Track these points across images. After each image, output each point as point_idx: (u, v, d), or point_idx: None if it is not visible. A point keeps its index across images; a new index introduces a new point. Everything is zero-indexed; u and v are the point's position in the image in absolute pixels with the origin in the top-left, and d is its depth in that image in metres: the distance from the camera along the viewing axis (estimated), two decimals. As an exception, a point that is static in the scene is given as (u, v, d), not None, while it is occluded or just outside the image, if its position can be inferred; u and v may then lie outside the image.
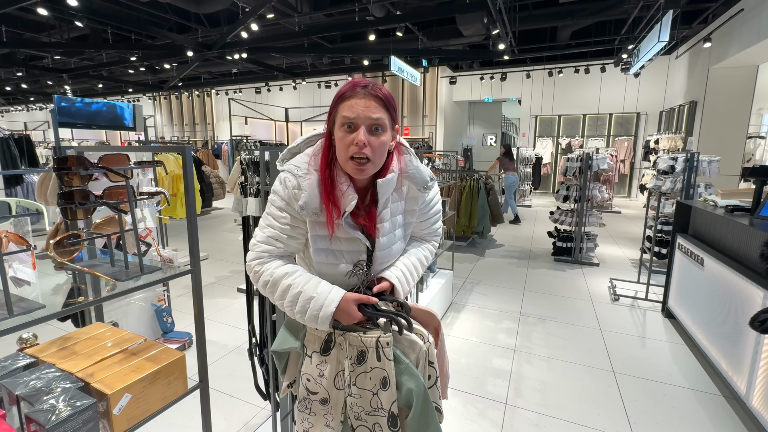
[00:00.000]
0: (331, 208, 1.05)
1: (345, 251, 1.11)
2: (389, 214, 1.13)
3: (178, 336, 3.17)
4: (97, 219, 1.66)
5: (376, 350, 1.05)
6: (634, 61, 7.94)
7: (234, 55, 10.06)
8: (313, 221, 1.08)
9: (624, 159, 11.87)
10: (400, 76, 8.92)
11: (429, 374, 1.08)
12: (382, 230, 1.11)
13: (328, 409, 1.14)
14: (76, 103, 3.10)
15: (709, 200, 3.36)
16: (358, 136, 1.00)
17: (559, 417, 2.43)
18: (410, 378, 1.04)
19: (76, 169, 1.42)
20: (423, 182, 1.15)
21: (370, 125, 1.01)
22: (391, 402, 1.05)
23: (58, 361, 1.21)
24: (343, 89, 1.05)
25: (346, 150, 1.03)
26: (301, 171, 1.08)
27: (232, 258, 5.74)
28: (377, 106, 1.02)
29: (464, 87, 13.92)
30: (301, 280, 1.06)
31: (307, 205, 1.04)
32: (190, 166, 1.46)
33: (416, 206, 1.20)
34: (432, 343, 1.11)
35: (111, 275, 1.35)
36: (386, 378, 1.05)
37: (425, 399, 1.03)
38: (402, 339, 1.08)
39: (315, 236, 1.09)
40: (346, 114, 1.01)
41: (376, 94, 1.03)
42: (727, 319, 2.67)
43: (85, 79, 14.47)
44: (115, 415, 1.11)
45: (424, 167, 1.17)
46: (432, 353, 1.09)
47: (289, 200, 1.08)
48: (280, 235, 1.10)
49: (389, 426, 1.07)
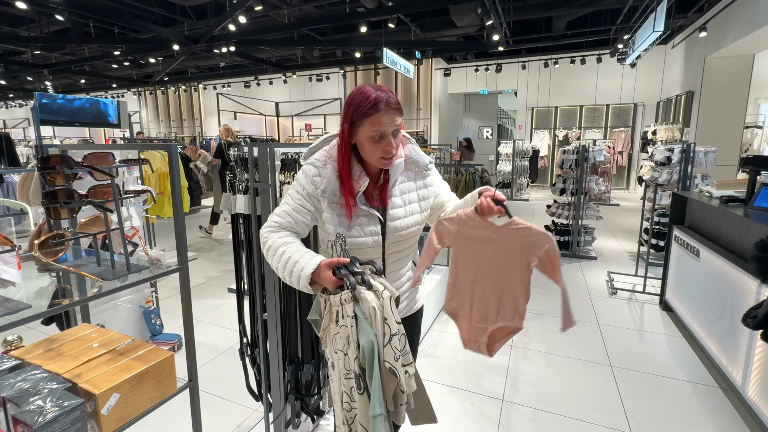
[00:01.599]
0: (349, 191, 1.30)
1: (363, 226, 1.33)
2: (399, 191, 1.38)
3: (167, 338, 3.17)
4: (82, 218, 1.67)
5: (342, 308, 1.13)
6: (630, 51, 7.99)
7: (222, 48, 10.00)
8: (332, 203, 1.32)
9: (622, 150, 11.95)
10: (393, 68, 8.92)
11: (383, 331, 1.10)
12: (391, 203, 1.36)
13: (335, 374, 1.23)
14: (57, 100, 3.09)
15: (705, 191, 3.41)
16: (389, 144, 1.26)
17: (556, 412, 2.47)
18: (362, 335, 1.08)
19: (60, 168, 1.42)
20: (424, 165, 1.43)
21: (393, 131, 1.27)
22: (354, 360, 1.10)
23: (44, 363, 1.22)
24: (364, 105, 1.24)
25: (376, 153, 1.28)
26: (320, 163, 1.33)
27: (222, 257, 5.74)
28: (397, 115, 1.27)
29: (459, 79, 13.93)
30: (293, 248, 1.24)
31: (327, 188, 1.30)
32: (176, 164, 1.47)
33: (431, 187, 1.47)
34: (387, 299, 1.12)
35: (97, 275, 1.35)
36: (348, 335, 1.11)
37: (372, 355, 1.06)
38: (361, 295, 1.11)
39: (336, 216, 1.32)
40: (376, 129, 1.24)
41: (395, 106, 1.27)
42: (722, 310, 2.72)
43: (66, 75, 14.34)
44: (104, 415, 1.12)
45: (423, 154, 1.44)
46: (387, 309, 1.11)
47: (307, 185, 1.32)
48: (292, 212, 1.33)
49: (357, 389, 1.12)
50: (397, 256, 1.44)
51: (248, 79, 14.95)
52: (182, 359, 1.55)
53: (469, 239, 1.30)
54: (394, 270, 1.46)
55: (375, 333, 1.08)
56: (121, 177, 3.40)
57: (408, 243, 1.44)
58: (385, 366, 1.09)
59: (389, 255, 1.41)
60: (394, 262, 1.44)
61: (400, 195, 1.38)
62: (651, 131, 10.00)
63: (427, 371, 2.90)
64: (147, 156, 4.82)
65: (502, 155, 11.99)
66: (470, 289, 1.34)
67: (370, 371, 1.07)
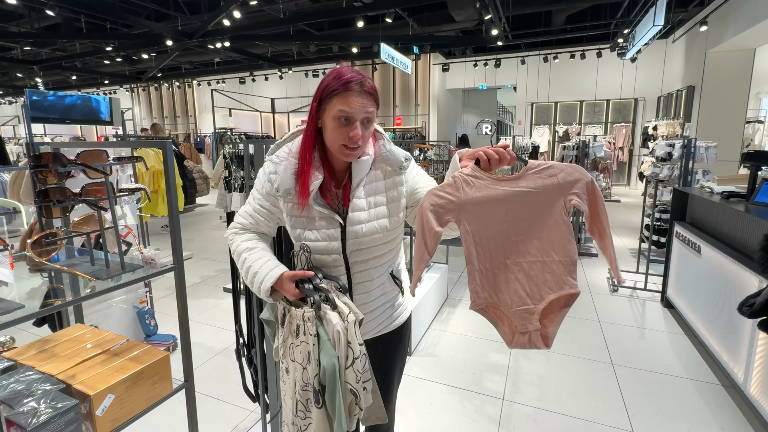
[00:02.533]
0: (302, 185, 1.20)
1: (321, 229, 1.24)
2: (363, 193, 1.25)
3: (162, 339, 3.17)
4: (75, 217, 1.66)
5: (304, 324, 1.13)
6: (630, 45, 8.00)
7: (216, 43, 9.97)
8: (288, 203, 1.24)
9: (622, 146, 11.97)
10: (391, 63, 8.90)
11: (347, 354, 1.11)
12: (353, 206, 1.24)
13: (289, 379, 1.23)
14: (48, 97, 3.07)
15: (706, 187, 3.42)
16: (355, 130, 1.14)
17: (557, 411, 2.48)
18: (324, 355, 1.09)
19: (53, 167, 1.42)
20: (398, 163, 1.28)
21: (363, 119, 1.15)
22: (314, 376, 1.12)
23: (37, 364, 1.21)
24: (333, 84, 1.14)
25: (339, 139, 1.16)
26: (279, 159, 1.25)
27: (218, 256, 5.74)
28: (370, 102, 1.16)
29: (457, 74, 13.92)
30: (255, 256, 1.23)
31: (281, 186, 1.22)
32: (171, 161, 1.47)
33: (402, 186, 1.30)
34: (352, 323, 1.13)
35: (91, 274, 1.35)
36: (309, 353, 1.12)
37: (333, 378, 1.08)
38: (326, 316, 1.12)
39: (292, 217, 1.25)
40: (343, 108, 1.13)
41: (369, 90, 1.15)
42: (724, 307, 2.74)
43: (57, 71, 14.27)
44: (99, 416, 1.12)
45: (398, 149, 1.29)
46: (351, 333, 1.12)
47: (265, 184, 1.26)
48: (253, 212, 1.30)
49: (315, 402, 1.13)
50: (363, 266, 1.30)
51: (243, 75, 14.90)
52: (178, 360, 1.55)
53: (481, 203, 1.06)
54: (361, 281, 1.31)
55: (337, 355, 1.10)
56: (115, 175, 3.39)
57: (375, 252, 1.29)
58: (347, 387, 1.11)
59: (354, 264, 1.28)
60: (361, 273, 1.30)
61: (365, 197, 1.25)
62: (652, 126, 10.02)
63: (427, 371, 2.91)
64: (140, 153, 4.81)
65: (501, 151, 11.98)
66: (501, 266, 1.07)
67: (331, 392, 1.09)
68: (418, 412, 2.49)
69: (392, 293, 1.42)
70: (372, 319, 1.37)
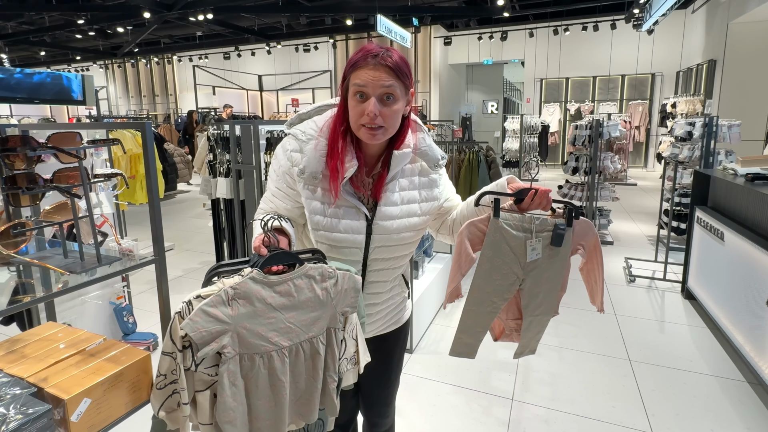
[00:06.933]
0: (333, 171, 1.16)
1: (342, 219, 1.20)
2: (397, 187, 1.24)
3: (142, 337, 3.16)
4: (46, 206, 1.64)
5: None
6: (647, 16, 7.93)
7: (198, 16, 9.84)
8: (309, 188, 1.19)
9: (639, 125, 11.95)
10: (388, 36, 8.83)
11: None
12: (385, 199, 1.21)
13: None
14: (15, 74, 3.03)
15: (729, 169, 3.40)
16: (369, 106, 1.10)
17: (570, 411, 2.49)
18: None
19: (22, 150, 1.38)
20: (435, 160, 1.28)
21: (380, 95, 1.11)
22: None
23: (6, 366, 1.20)
24: (354, 57, 1.13)
25: (358, 118, 1.13)
26: (306, 136, 1.20)
27: (201, 247, 5.71)
28: (387, 75, 1.10)
29: (461, 48, 13.81)
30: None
31: (306, 168, 1.16)
32: (151, 144, 1.44)
33: (437, 188, 1.31)
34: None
35: (64, 268, 1.33)
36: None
37: None
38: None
39: (311, 202, 1.19)
40: (356, 82, 1.11)
41: (386, 63, 1.10)
42: (750, 297, 2.73)
43: (24, 46, 14.13)
44: (74, 422, 1.10)
45: (436, 146, 1.30)
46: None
47: (283, 162, 1.22)
48: (272, 197, 1.26)
49: None
50: (381, 265, 1.28)
51: (228, 50, 14.78)
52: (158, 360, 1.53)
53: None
54: (375, 281, 1.30)
55: None
56: (89, 159, 3.35)
57: (398, 252, 1.28)
58: None
59: (372, 262, 1.26)
60: (378, 272, 1.29)
61: (399, 191, 1.24)
62: (670, 104, 9.99)
63: (430, 369, 2.91)
64: (116, 136, 4.75)
65: (508, 131, 11.92)
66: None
67: None
68: (421, 413, 2.49)
69: (401, 295, 1.43)
70: (376, 320, 1.38)
